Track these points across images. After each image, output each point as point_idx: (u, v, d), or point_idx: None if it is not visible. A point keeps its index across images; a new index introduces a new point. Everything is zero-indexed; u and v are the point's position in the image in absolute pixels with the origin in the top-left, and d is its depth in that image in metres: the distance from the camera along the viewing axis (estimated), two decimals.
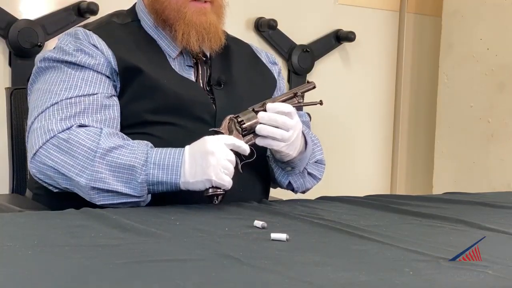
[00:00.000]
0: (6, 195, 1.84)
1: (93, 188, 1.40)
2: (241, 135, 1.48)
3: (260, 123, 1.49)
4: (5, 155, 1.88)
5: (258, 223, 1.22)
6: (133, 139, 1.47)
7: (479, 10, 2.94)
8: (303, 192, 1.74)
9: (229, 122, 1.49)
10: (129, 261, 0.95)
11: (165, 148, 1.43)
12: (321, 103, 1.57)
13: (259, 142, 1.51)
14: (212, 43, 1.63)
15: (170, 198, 1.46)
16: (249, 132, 1.49)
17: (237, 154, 1.45)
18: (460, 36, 3.02)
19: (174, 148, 1.43)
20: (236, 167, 1.44)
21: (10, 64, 2.32)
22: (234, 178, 1.44)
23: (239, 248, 1.06)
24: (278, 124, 1.50)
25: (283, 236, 1.12)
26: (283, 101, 1.55)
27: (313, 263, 0.98)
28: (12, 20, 2.29)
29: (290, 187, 1.70)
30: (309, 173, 1.70)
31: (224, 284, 0.86)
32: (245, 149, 1.45)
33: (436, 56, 3.14)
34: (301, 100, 1.57)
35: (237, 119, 1.49)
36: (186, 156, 1.41)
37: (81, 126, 1.46)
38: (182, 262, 0.96)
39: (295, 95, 1.56)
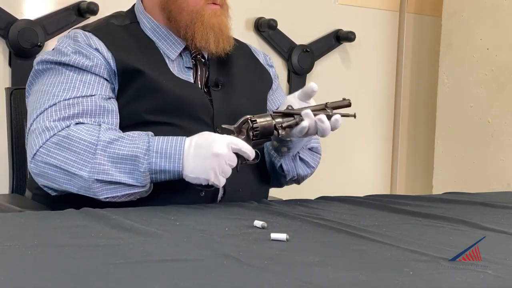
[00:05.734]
0: (6, 195, 1.84)
1: (96, 180, 1.40)
2: (250, 140, 1.46)
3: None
4: (5, 155, 1.88)
5: (258, 223, 1.22)
6: None
7: (479, 10, 2.94)
8: (297, 180, 1.74)
9: (244, 123, 1.47)
10: (129, 261, 0.95)
11: (166, 137, 1.44)
12: (354, 116, 1.59)
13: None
14: (225, 44, 1.64)
15: (169, 198, 1.46)
16: (261, 137, 1.47)
17: (238, 155, 1.45)
18: (460, 36, 3.01)
19: (175, 137, 1.44)
20: (234, 167, 1.44)
21: (10, 64, 2.31)
22: (233, 178, 1.44)
23: (239, 248, 1.06)
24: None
25: (283, 236, 1.12)
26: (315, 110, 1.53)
27: (313, 263, 0.98)
28: (12, 20, 2.29)
29: (281, 169, 1.69)
30: (301, 159, 1.71)
31: (224, 284, 0.86)
32: (250, 155, 1.45)
33: (436, 56, 3.14)
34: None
35: (252, 124, 1.46)
36: (192, 149, 1.41)
37: (79, 123, 1.46)
38: (182, 262, 0.96)
39: (326, 105, 1.56)
